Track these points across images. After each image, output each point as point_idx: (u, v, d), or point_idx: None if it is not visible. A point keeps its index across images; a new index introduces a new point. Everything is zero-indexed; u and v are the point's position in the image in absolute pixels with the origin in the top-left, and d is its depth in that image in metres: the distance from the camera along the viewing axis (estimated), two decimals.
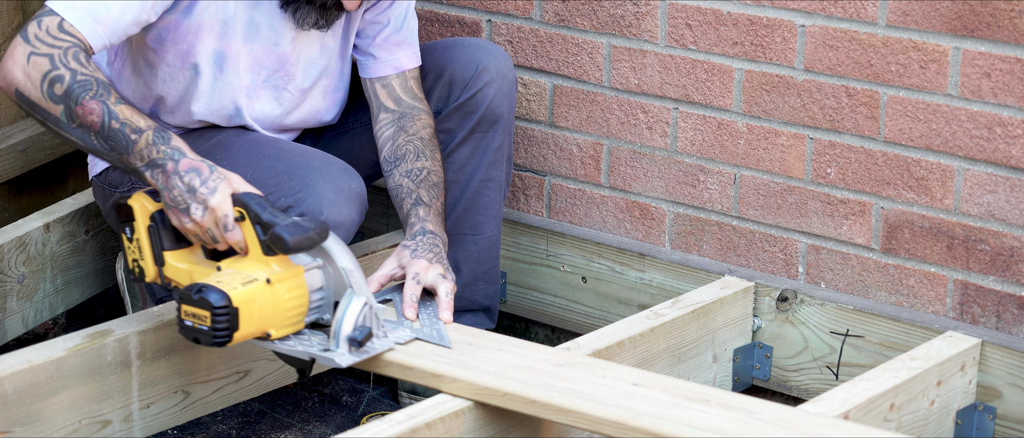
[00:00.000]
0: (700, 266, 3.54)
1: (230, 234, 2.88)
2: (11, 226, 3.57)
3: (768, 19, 3.39)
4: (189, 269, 2.96)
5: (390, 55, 3.43)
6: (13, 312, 3.55)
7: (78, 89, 2.90)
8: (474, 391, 2.81)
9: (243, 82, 3.28)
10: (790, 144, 3.42)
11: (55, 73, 2.91)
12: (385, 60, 3.43)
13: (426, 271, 3.13)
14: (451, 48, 3.50)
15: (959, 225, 3.26)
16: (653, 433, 2.66)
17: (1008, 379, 3.19)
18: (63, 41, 2.94)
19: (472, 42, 3.49)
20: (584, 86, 3.66)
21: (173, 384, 3.14)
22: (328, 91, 3.44)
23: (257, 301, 2.84)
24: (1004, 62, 3.14)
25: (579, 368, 2.88)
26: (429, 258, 3.17)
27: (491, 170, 3.48)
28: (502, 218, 3.57)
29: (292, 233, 2.81)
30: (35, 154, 3.95)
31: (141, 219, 2.98)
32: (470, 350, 2.95)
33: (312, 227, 2.84)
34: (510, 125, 3.49)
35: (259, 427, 3.53)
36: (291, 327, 2.91)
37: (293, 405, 3.62)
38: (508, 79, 3.45)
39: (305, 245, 2.82)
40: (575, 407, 2.73)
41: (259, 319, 2.85)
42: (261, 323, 2.86)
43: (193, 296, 2.81)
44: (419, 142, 3.37)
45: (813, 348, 3.41)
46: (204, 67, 3.24)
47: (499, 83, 3.43)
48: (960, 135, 3.22)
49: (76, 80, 2.91)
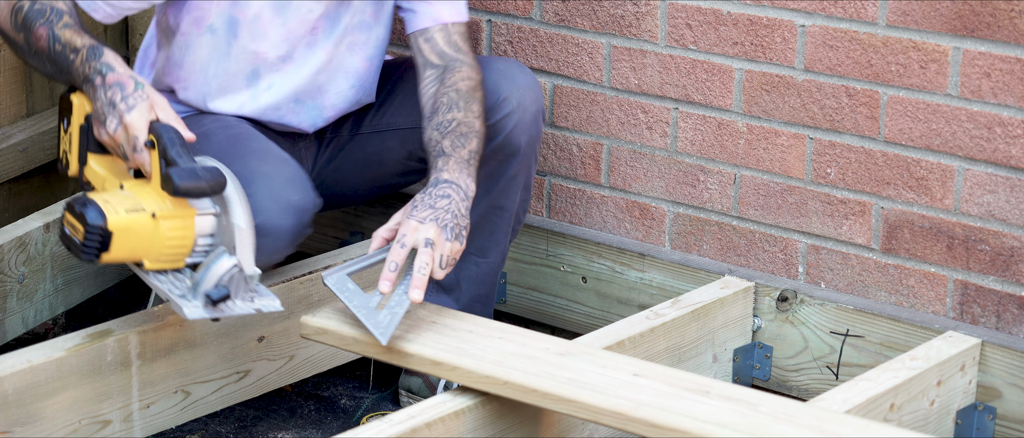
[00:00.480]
0: (700, 266, 3.54)
1: (138, 155, 2.91)
2: (11, 226, 3.57)
3: (768, 19, 3.39)
4: (104, 176, 3.00)
5: (428, 7, 3.33)
6: (13, 312, 3.55)
7: (32, 16, 3.03)
8: (474, 379, 2.81)
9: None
10: (790, 144, 3.42)
11: (18, 4, 3.06)
12: (424, 12, 3.33)
13: (414, 232, 2.97)
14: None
15: (959, 225, 3.26)
16: (654, 424, 2.65)
17: (1008, 379, 3.19)
18: None
19: (499, 67, 3.36)
20: (584, 86, 3.66)
21: (173, 384, 3.14)
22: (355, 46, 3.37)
23: (135, 231, 2.86)
24: (1004, 62, 3.14)
25: (580, 358, 2.87)
26: (423, 217, 2.98)
27: (502, 198, 3.40)
28: (508, 248, 3.49)
29: (182, 178, 2.83)
30: (35, 154, 3.95)
31: (77, 116, 3.05)
32: (470, 338, 2.94)
33: (205, 177, 2.84)
34: (529, 155, 3.38)
35: (256, 429, 3.53)
36: (168, 263, 2.91)
37: (288, 411, 3.61)
38: (530, 110, 3.33)
39: (193, 192, 2.84)
40: (576, 397, 2.73)
41: (132, 248, 2.87)
42: (134, 252, 2.88)
43: (76, 208, 2.86)
44: (454, 93, 3.23)
45: (813, 348, 3.40)
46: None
47: (519, 114, 3.32)
48: (960, 135, 3.22)
49: (33, 8, 3.03)
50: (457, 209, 3.01)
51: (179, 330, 3.13)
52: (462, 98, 3.22)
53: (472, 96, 3.24)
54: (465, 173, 3.09)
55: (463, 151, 3.12)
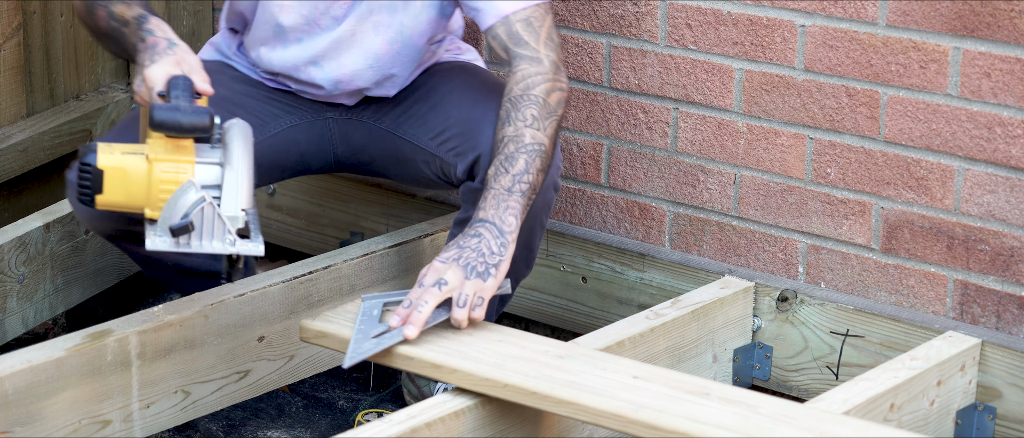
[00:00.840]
0: (700, 266, 3.54)
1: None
2: (11, 226, 3.57)
3: (768, 19, 3.39)
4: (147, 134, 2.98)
5: (490, 5, 3.14)
6: (13, 312, 3.55)
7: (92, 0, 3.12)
8: (474, 382, 2.81)
9: None
10: (790, 144, 3.42)
11: None
12: (486, 10, 3.16)
13: (433, 274, 2.93)
14: (484, 120, 3.20)
15: (959, 225, 3.26)
16: (653, 426, 2.65)
17: (1008, 379, 3.19)
18: None
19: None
20: (584, 86, 3.66)
21: (173, 384, 3.14)
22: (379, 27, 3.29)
23: (127, 172, 2.84)
24: (1004, 62, 3.14)
25: (579, 360, 2.87)
26: (446, 257, 2.95)
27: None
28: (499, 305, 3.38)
29: (160, 111, 2.81)
30: (35, 154, 3.95)
31: None
32: (470, 341, 2.93)
33: (186, 114, 2.82)
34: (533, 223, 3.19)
35: (249, 427, 3.53)
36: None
37: (285, 410, 3.61)
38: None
39: (169, 125, 2.81)
40: (575, 399, 2.73)
41: (126, 192, 2.85)
42: (129, 196, 2.85)
43: (80, 150, 2.88)
44: (508, 104, 3.08)
45: (813, 348, 3.40)
46: None
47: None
48: (960, 135, 3.22)
49: None
50: (486, 247, 2.96)
51: (179, 330, 3.13)
52: (513, 106, 3.07)
53: (523, 100, 3.08)
54: (502, 206, 3.00)
55: (505, 178, 3.02)
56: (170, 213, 2.83)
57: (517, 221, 3.00)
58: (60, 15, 4.07)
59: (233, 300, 3.23)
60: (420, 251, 3.56)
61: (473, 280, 2.93)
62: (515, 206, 3.00)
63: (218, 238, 2.85)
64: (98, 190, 2.84)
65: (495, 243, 2.97)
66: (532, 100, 3.08)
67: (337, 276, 3.41)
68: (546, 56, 3.11)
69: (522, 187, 3.02)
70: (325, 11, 3.27)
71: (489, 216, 2.99)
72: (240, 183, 2.85)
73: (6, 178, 3.90)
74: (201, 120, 2.83)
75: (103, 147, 2.86)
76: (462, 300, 2.92)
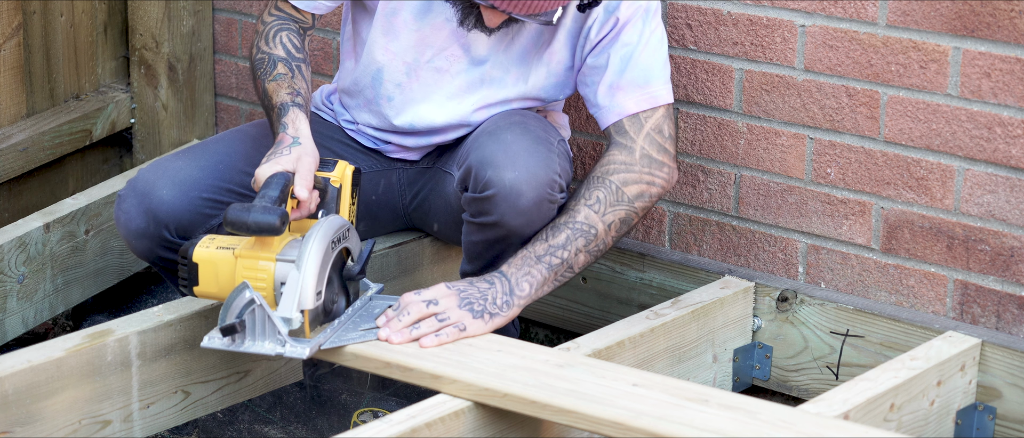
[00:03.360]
0: (700, 266, 3.54)
1: None
2: (11, 226, 3.58)
3: (768, 19, 3.39)
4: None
5: (611, 101, 3.16)
6: (13, 312, 3.55)
7: (255, 67, 3.22)
8: (474, 392, 2.81)
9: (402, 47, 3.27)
10: (790, 144, 3.42)
11: (255, 42, 3.25)
12: (607, 108, 3.16)
13: (434, 291, 3.01)
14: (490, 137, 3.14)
15: (959, 225, 3.26)
16: (653, 433, 2.66)
17: (1008, 379, 3.19)
18: (270, 22, 3.26)
19: (507, 139, 3.10)
20: None
21: (173, 384, 3.14)
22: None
23: (216, 265, 2.95)
24: (1004, 62, 3.14)
25: (579, 369, 2.87)
26: (453, 284, 3.04)
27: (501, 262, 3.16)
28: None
29: (232, 210, 2.90)
30: (35, 154, 3.95)
31: None
32: (470, 351, 2.95)
33: (254, 215, 2.88)
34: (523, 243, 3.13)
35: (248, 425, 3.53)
36: None
37: (275, 408, 3.61)
38: (527, 197, 3.05)
39: (235, 225, 2.89)
40: (575, 407, 2.73)
41: (217, 284, 2.95)
42: (220, 289, 2.96)
43: (185, 244, 3.00)
44: (583, 183, 3.11)
45: (813, 348, 3.41)
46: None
47: (511, 199, 3.06)
48: (960, 135, 3.22)
49: (257, 57, 3.23)
50: (492, 296, 3.02)
51: (179, 330, 3.13)
52: (586, 185, 3.11)
53: (595, 181, 3.09)
54: (523, 271, 3.04)
55: (540, 245, 3.06)
56: (225, 313, 2.91)
57: (532, 290, 3.04)
58: (60, 15, 4.07)
59: None
60: (420, 252, 3.56)
61: (464, 311, 2.99)
62: (536, 275, 3.05)
63: (269, 338, 2.92)
64: (195, 282, 2.96)
65: (501, 298, 3.03)
66: (605, 184, 3.10)
67: None
68: (640, 148, 3.13)
69: (552, 260, 3.05)
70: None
71: (508, 273, 3.05)
72: (305, 284, 2.90)
73: (6, 178, 3.90)
74: (267, 221, 2.88)
75: (203, 242, 2.96)
76: (442, 318, 2.98)
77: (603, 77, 3.15)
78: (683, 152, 3.56)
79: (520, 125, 3.13)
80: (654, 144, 3.15)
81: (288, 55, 3.20)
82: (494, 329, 3.01)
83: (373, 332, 2.99)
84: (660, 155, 3.15)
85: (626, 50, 3.15)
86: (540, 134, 3.11)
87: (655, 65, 3.16)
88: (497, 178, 3.04)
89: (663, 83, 3.18)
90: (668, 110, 3.18)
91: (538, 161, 3.05)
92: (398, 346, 2.95)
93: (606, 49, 3.16)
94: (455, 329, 2.97)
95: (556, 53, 3.22)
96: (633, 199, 3.12)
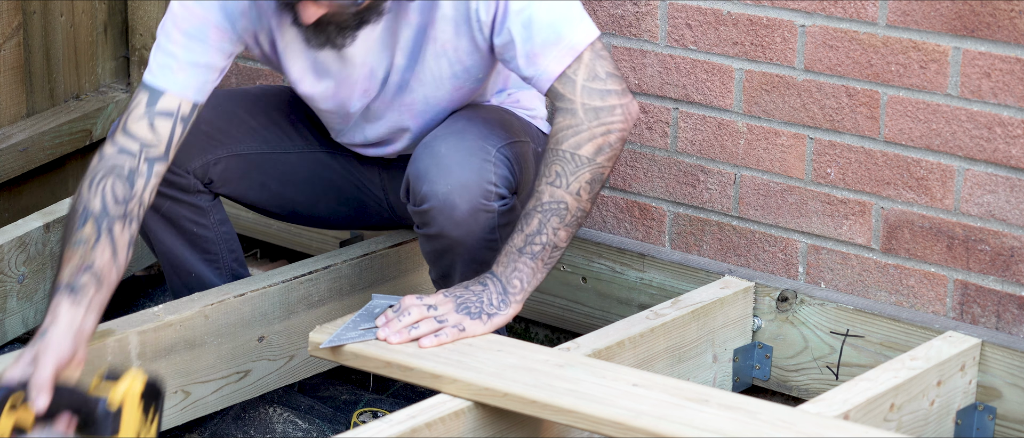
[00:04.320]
0: (700, 266, 3.54)
1: None
2: (11, 226, 3.58)
3: (768, 19, 3.39)
4: None
5: (535, 69, 3.02)
6: (13, 312, 3.55)
7: (66, 221, 2.98)
8: (474, 392, 2.81)
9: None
10: (790, 144, 3.42)
11: (75, 195, 3.01)
12: (534, 76, 3.03)
13: (432, 297, 3.01)
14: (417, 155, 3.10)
15: (959, 225, 3.26)
16: (653, 433, 2.66)
17: (1008, 379, 3.19)
18: (106, 157, 3.01)
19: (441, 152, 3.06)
20: None
21: (173, 384, 3.14)
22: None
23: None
24: (1004, 62, 3.14)
25: (579, 368, 2.88)
26: (449, 291, 3.03)
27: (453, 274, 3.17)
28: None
29: None
30: (35, 154, 3.95)
31: None
32: (470, 351, 2.95)
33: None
34: (477, 247, 3.10)
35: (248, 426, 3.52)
36: None
37: (275, 409, 3.61)
38: (461, 209, 3.03)
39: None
40: (575, 407, 2.73)
41: None
42: None
43: None
44: (541, 163, 3.03)
45: (813, 348, 3.41)
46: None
47: (447, 212, 3.04)
48: (960, 135, 3.22)
49: (70, 209, 2.98)
50: (487, 298, 3.01)
51: (179, 330, 3.13)
52: (544, 164, 3.01)
53: (549, 156, 3.00)
54: (510, 268, 3.01)
55: (518, 237, 3.01)
56: None
57: (523, 284, 3.02)
58: (60, 15, 4.07)
59: (233, 300, 3.23)
60: (420, 252, 3.56)
61: (460, 313, 2.99)
62: (523, 269, 3.02)
63: None
64: None
65: (497, 298, 3.01)
66: (559, 156, 3.00)
67: (337, 276, 3.41)
68: (582, 105, 3.00)
69: (533, 248, 3.01)
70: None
71: (497, 273, 3.03)
72: None
73: (6, 178, 3.90)
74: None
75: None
76: (439, 319, 2.98)
77: (516, 50, 3.02)
78: (683, 152, 3.56)
79: (458, 134, 3.08)
80: (594, 94, 3.01)
81: (102, 210, 2.92)
82: (494, 329, 3.01)
83: (373, 332, 2.99)
84: (603, 101, 3.01)
85: (523, 16, 3.01)
86: (476, 144, 3.06)
87: (559, 16, 3.01)
88: (432, 192, 3.02)
89: (575, 27, 3.01)
90: (593, 49, 3.02)
91: (470, 172, 3.01)
92: (398, 346, 2.95)
93: (503, 24, 3.03)
94: (454, 329, 2.97)
95: (449, 42, 3.10)
96: (593, 157, 3.00)
